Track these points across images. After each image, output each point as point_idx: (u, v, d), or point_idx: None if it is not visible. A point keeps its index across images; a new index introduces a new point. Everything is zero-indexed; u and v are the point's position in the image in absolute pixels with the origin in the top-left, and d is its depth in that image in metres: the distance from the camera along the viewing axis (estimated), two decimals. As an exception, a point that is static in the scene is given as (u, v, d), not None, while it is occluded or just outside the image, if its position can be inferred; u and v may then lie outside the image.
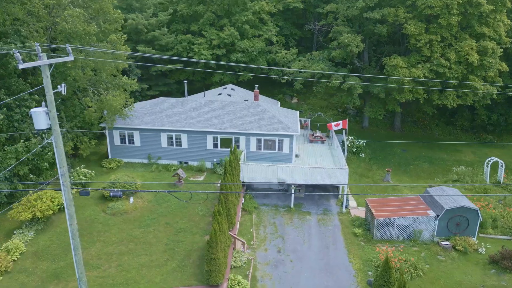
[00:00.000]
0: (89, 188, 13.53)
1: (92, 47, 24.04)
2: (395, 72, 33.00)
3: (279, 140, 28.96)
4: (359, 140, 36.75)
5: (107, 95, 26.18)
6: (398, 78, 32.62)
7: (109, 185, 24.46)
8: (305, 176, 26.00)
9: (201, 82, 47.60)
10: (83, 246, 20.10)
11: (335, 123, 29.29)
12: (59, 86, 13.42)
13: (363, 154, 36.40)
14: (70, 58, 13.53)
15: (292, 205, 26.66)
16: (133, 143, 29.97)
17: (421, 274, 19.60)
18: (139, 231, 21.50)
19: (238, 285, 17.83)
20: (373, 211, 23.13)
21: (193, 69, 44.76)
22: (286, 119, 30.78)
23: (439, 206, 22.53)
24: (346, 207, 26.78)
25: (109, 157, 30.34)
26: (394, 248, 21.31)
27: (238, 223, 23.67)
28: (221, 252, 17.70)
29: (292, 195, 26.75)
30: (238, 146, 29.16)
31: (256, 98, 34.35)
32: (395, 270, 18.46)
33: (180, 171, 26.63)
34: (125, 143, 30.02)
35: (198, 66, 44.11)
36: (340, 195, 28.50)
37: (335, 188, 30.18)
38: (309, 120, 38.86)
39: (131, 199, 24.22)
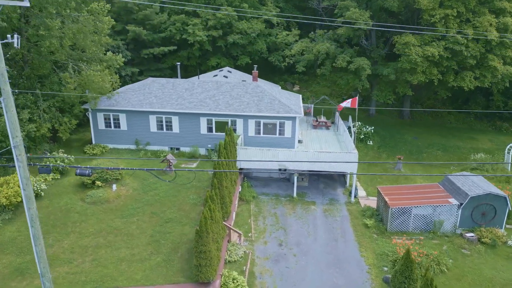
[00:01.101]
0: (51, 164, 11.08)
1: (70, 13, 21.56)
2: (407, 51, 30.50)
3: (280, 123, 26.48)
4: (367, 127, 34.30)
5: (87, 70, 23.67)
6: (410, 56, 30.09)
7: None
8: (310, 163, 23.54)
9: (197, 68, 45.05)
10: (55, 238, 17.70)
11: (343, 103, 26.71)
12: (9, 36, 10.98)
13: (371, 141, 34.00)
14: (26, 3, 11.04)
15: (294, 195, 24.25)
16: (119, 127, 27.49)
17: (445, 270, 17.19)
18: (120, 222, 19.07)
19: (233, 282, 15.43)
20: (386, 199, 20.70)
21: (188, 52, 42.24)
22: (288, 101, 28.31)
23: (462, 194, 20.10)
24: (355, 196, 24.35)
25: (93, 142, 27.89)
26: (414, 240, 18.87)
27: (234, 213, 21.25)
28: (213, 244, 15.28)
29: (295, 184, 24.31)
30: (235, 130, 26.70)
31: (255, 80, 31.86)
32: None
33: (170, 157, 24.19)
34: (110, 127, 27.54)
35: (193, 49, 41.61)
36: (347, 185, 26.08)
37: (342, 177, 27.81)
38: (312, 106, 36.39)
39: (114, 186, 21.78)
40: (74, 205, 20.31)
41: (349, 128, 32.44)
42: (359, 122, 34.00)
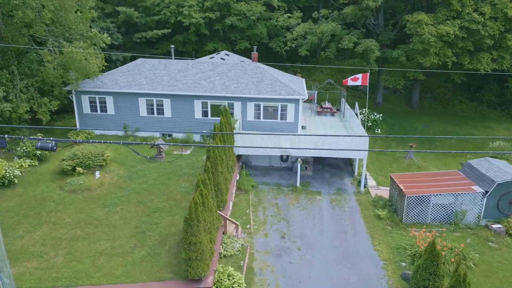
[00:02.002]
0: (6, 136, 9.03)
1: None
2: (419, 30, 28.42)
3: (282, 107, 24.43)
4: (375, 114, 32.27)
5: (69, 47, 21.59)
6: (423, 36, 27.98)
7: (69, 156, 20.02)
8: (315, 147, 21.50)
9: (193, 54, 42.94)
10: (26, 229, 15.68)
11: (351, 77, 24.56)
12: None
13: (379, 129, 31.99)
14: None
15: (298, 184, 22.24)
16: (106, 111, 25.44)
17: (472, 265, 15.18)
18: (102, 211, 17.04)
19: (229, 279, 13.41)
20: (401, 187, 18.68)
21: (183, 36, 40.13)
22: (291, 83, 26.26)
23: (487, 180, 18.08)
24: (365, 186, 22.34)
25: (78, 128, 25.83)
26: (434, 232, 16.83)
27: (231, 203, 19.23)
28: (205, 235, 13.26)
29: (298, 173, 22.29)
30: (232, 115, 24.65)
31: (254, 61, 29.77)
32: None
33: (160, 142, 22.14)
34: (96, 111, 25.49)
35: (188, 32, 39.49)
36: (356, 174, 24.06)
37: (349, 166, 25.80)
38: (316, 92, 34.30)
39: (97, 173, 19.75)
40: (51, 193, 18.28)
41: (356, 115, 30.41)
42: (367, 110, 31.91)
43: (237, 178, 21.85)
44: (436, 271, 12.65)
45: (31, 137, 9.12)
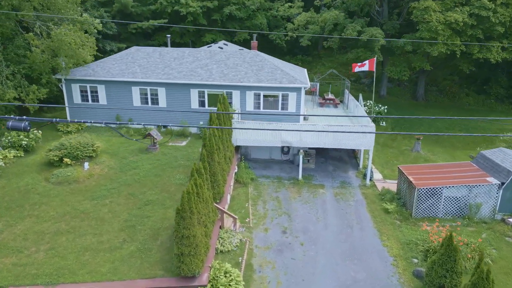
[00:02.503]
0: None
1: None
2: (427, 17, 27.28)
3: (283, 96, 23.31)
4: (379, 106, 31.16)
5: (57, 29, 20.46)
6: (430, 23, 26.83)
7: (56, 146, 18.92)
8: (318, 138, 20.42)
9: (190, 45, 41.80)
10: (6, 223, 14.59)
11: (360, 63, 23.40)
12: None
13: (384, 122, 30.89)
14: None
15: (299, 177, 21.15)
16: (98, 100, 24.31)
17: (489, 261, 14.10)
18: (89, 204, 15.95)
19: (226, 276, 12.33)
20: (411, 179, 17.58)
21: (180, 27, 38.95)
22: (292, 71, 25.14)
23: (503, 171, 16.99)
24: (371, 179, 21.25)
25: (68, 119, 24.72)
26: (448, 226, 15.72)
27: (228, 196, 18.16)
28: (199, 228, 12.18)
29: (300, 165, 21.20)
30: (230, 104, 23.53)
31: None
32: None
33: (154, 132, 21.03)
34: (87, 100, 24.36)
35: (186, 22, 38.33)
36: (361, 167, 22.97)
37: (353, 159, 24.72)
38: (318, 84, 33.18)
39: (86, 164, 18.65)
40: (36, 185, 17.18)
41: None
42: (370, 101, 30.79)
43: (236, 170, 20.78)
44: (453, 268, 11.58)
45: (9, 117, 8.03)
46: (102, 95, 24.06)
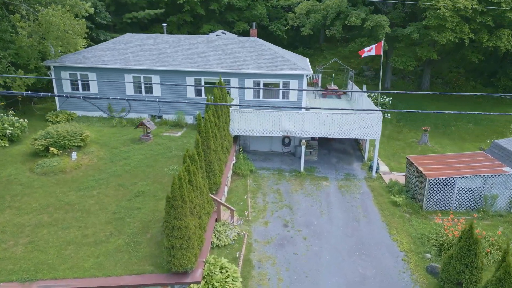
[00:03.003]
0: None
1: None
2: (434, 3, 26.19)
3: (284, 84, 22.23)
4: (384, 97, 30.09)
5: (45, 10, 19.36)
6: (438, 10, 25.72)
7: (42, 135, 17.84)
8: (321, 127, 19.34)
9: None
10: (-16, 215, 13.49)
11: (367, 48, 22.26)
12: None
13: (389, 114, 29.82)
14: None
15: (301, 169, 20.09)
16: (89, 89, 23.24)
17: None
18: (75, 195, 14.87)
19: (221, 272, 11.25)
20: (421, 169, 16.51)
21: (178, 17, 37.86)
22: (293, 58, 24.05)
23: (520, 161, 15.93)
24: (377, 171, 20.18)
25: (58, 109, 23.66)
26: (463, 219, 14.62)
27: (226, 188, 17.08)
28: (192, 219, 11.10)
29: (302, 156, 20.14)
30: (228, 93, 22.44)
31: (253, 39, 27.57)
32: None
33: (147, 121, 19.95)
34: (78, 89, 23.29)
35: (182, 11, 37.22)
36: (366, 159, 21.90)
37: (358, 151, 23.67)
38: (320, 75, 32.10)
39: (74, 154, 17.57)
40: (19, 176, 16.10)
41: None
42: (379, 91, 29.73)
43: (234, 161, 19.72)
44: (473, 262, 10.51)
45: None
46: (94, 84, 22.99)
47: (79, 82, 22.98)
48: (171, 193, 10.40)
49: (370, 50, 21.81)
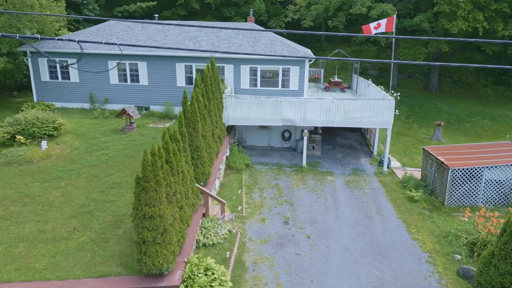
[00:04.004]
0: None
1: None
2: (446, -12, 24.54)
3: (283, 71, 20.35)
4: (392, 92, 28.18)
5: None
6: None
7: (9, 122, 15.84)
8: (326, 115, 17.37)
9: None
10: None
11: (374, 24, 20.17)
12: None
13: (397, 111, 27.88)
14: None
15: (303, 164, 18.08)
16: (69, 78, 21.33)
17: (556, 257, 10.91)
18: (39, 187, 12.79)
19: (206, 274, 9.12)
20: (442, 159, 14.48)
21: (171, 12, 36.26)
22: (294, 44, 22.22)
23: (557, 148, 13.92)
24: (388, 166, 18.16)
25: (35, 100, 21.71)
26: (497, 214, 12.51)
27: (217, 182, 15.03)
28: (171, 208, 9.05)
29: (305, 149, 18.16)
30: (222, 81, 20.54)
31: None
32: None
33: (130, 109, 17.99)
34: (57, 78, 21.37)
35: (176, 5, 35.66)
36: (375, 153, 19.90)
37: (366, 146, 21.70)
38: (322, 70, 30.28)
39: (44, 143, 15.53)
40: (-22, 166, 14.07)
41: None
42: (382, 86, 27.82)
43: (227, 154, 17.69)
44: (523, 261, 8.41)
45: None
46: (75, 72, 21.08)
47: (58, 69, 21.06)
48: (141, 172, 8.38)
49: (378, 27, 19.68)
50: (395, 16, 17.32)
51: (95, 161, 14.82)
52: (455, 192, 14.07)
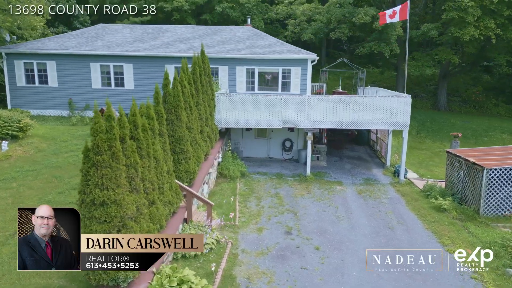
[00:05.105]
0: None
1: None
2: (455, -6, 23.40)
3: (284, 72, 18.58)
4: (401, 105, 26.43)
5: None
6: (458, 1, 22.86)
7: (-35, 119, 13.81)
8: (333, 115, 15.37)
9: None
10: None
11: (389, 11, 18.37)
12: None
13: (407, 125, 26.03)
14: None
15: (308, 173, 15.85)
16: (47, 82, 19.53)
17: None
18: (-15, 187, 10.56)
19: (180, 290, 6.71)
20: (473, 160, 12.30)
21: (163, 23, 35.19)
22: (295, 48, 20.64)
23: None
24: (405, 176, 15.92)
25: (9, 107, 19.79)
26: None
27: (206, 187, 12.77)
28: (133, 197, 6.81)
29: (309, 154, 16.00)
30: (216, 84, 18.70)
31: (248, 36, 24.42)
32: None
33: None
34: (33, 82, 19.57)
35: (171, 21, 34.69)
36: (388, 164, 17.70)
37: (376, 158, 19.57)
38: (325, 85, 28.69)
39: (5, 144, 13.41)
40: None
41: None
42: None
43: (220, 160, 15.49)
44: None
45: None
46: (53, 75, 19.30)
47: (35, 72, 19.32)
48: (92, 140, 6.25)
49: (394, 15, 17.91)
50: (408, 1, 15.80)
51: (61, 163, 12.64)
52: (492, 198, 11.76)
